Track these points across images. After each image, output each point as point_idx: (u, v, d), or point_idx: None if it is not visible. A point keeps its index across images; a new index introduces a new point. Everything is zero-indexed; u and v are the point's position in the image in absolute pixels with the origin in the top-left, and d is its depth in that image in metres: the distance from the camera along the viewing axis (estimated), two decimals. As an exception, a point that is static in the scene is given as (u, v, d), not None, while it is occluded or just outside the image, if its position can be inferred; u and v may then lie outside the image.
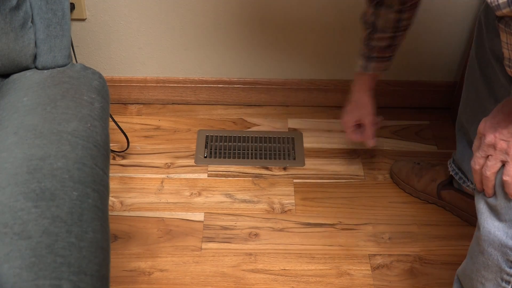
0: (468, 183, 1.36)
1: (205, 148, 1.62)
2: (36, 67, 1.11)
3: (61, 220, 0.83)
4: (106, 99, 1.10)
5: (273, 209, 1.46)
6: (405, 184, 1.50)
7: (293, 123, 1.71)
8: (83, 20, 1.57)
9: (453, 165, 1.39)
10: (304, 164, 1.58)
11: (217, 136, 1.65)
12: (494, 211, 0.87)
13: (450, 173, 1.39)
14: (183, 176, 1.54)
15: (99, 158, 0.96)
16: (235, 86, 1.72)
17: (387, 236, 1.41)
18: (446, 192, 1.44)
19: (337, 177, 1.55)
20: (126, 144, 1.59)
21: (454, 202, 1.44)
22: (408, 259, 1.36)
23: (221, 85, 1.72)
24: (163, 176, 1.54)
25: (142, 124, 1.69)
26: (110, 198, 1.44)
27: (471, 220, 1.42)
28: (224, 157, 1.60)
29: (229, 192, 1.50)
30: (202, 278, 1.31)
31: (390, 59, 1.32)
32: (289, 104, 1.76)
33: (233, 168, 1.57)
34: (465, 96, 1.33)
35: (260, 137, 1.65)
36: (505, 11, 0.74)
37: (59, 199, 0.85)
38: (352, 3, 1.54)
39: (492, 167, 0.86)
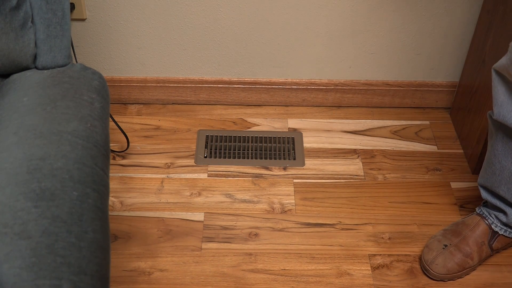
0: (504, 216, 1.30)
1: (205, 148, 1.62)
2: (36, 67, 1.11)
3: (61, 220, 0.83)
4: (106, 99, 1.10)
5: (273, 209, 1.46)
6: (461, 272, 1.31)
7: (293, 123, 1.71)
8: (83, 20, 1.57)
9: (483, 210, 1.34)
10: (304, 164, 1.58)
11: (217, 136, 1.65)
12: None
13: (492, 227, 1.32)
14: (183, 176, 1.54)
15: (99, 158, 0.96)
16: (235, 86, 1.72)
17: (387, 236, 1.41)
18: (495, 243, 1.33)
19: (337, 177, 1.55)
20: (126, 144, 1.59)
21: (506, 244, 1.36)
22: (408, 259, 1.36)
23: (221, 85, 1.72)
24: (163, 176, 1.54)
25: (142, 124, 1.69)
26: (110, 198, 1.45)
27: None
28: (224, 157, 1.60)
29: (229, 192, 1.50)
30: (202, 278, 1.31)
31: None
32: (289, 104, 1.76)
33: (233, 168, 1.57)
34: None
35: (260, 137, 1.65)
36: None
37: (59, 199, 0.85)
38: (353, 7, 1.54)
39: None
